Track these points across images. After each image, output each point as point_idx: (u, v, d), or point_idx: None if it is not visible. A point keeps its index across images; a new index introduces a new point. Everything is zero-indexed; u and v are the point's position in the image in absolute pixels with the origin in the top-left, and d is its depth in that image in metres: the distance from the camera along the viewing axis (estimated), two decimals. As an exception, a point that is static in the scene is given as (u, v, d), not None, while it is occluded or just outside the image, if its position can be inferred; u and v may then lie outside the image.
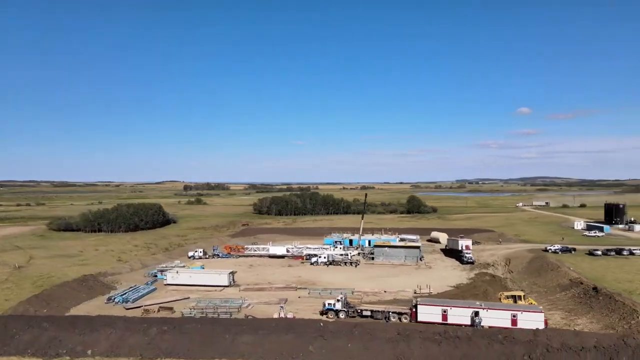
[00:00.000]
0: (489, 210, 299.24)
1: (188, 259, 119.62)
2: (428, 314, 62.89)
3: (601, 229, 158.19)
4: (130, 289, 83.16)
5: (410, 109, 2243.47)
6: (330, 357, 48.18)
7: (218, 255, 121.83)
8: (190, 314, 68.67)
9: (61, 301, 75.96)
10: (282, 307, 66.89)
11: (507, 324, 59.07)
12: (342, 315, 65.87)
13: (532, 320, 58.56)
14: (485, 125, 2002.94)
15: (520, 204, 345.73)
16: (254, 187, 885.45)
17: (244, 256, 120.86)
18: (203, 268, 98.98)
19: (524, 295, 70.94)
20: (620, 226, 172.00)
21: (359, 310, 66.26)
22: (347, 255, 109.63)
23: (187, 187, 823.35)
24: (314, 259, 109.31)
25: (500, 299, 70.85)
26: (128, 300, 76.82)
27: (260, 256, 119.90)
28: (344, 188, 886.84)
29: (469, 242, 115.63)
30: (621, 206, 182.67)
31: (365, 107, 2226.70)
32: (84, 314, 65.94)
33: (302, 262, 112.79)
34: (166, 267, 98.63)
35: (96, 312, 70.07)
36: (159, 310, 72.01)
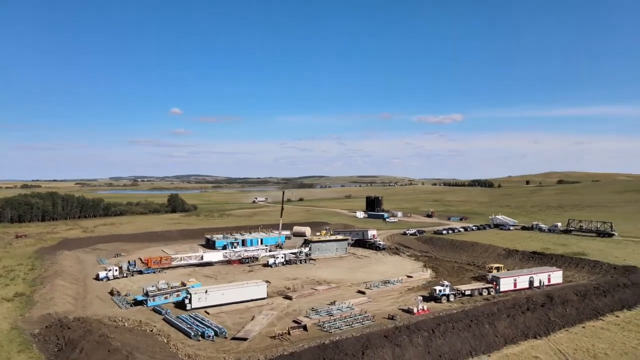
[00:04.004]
0: (236, 206, 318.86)
1: (99, 280, 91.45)
2: (506, 284, 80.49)
3: (383, 217, 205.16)
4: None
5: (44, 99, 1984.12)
6: (566, 321, 60.54)
7: (139, 271, 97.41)
8: (330, 329, 62.22)
9: (151, 353, 52.76)
10: (420, 300, 70.06)
11: (546, 282, 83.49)
12: (452, 298, 74.99)
13: (558, 277, 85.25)
14: (140, 122, 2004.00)
15: (254, 199, 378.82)
16: None
17: (170, 268, 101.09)
18: (201, 285, 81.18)
19: (502, 266, 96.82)
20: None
21: (463, 291, 76.99)
22: (301, 253, 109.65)
23: None
24: (271, 260, 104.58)
25: (490, 270, 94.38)
26: (223, 332, 60.43)
27: (189, 265, 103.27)
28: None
29: (375, 232, 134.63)
30: (380, 198, 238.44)
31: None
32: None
33: (251, 266, 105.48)
34: (158, 290, 75.77)
35: (211, 353, 54.22)
36: (289, 332, 61.11)
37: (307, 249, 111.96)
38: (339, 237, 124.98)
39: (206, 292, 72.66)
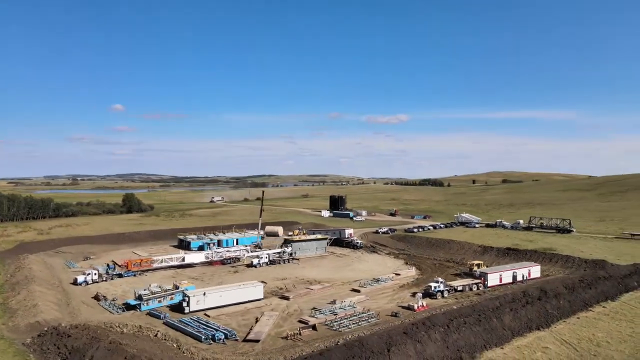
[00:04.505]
0: (194, 206, 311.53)
1: (77, 285, 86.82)
2: (493, 279, 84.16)
3: (348, 215, 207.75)
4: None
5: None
6: (561, 313, 64.18)
7: (119, 274, 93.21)
8: (339, 328, 62.61)
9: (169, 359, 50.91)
10: (420, 297, 71.86)
11: (527, 276, 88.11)
12: (445, 295, 77.47)
13: (536, 271, 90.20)
14: (78, 119, 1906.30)
15: (211, 199, 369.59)
16: None
17: (150, 270, 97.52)
18: (194, 287, 78.73)
19: (482, 263, 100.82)
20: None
21: (455, 287, 79.66)
22: (284, 252, 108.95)
23: None
24: (255, 261, 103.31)
25: (471, 267, 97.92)
26: (232, 335, 59.34)
27: (169, 267, 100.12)
28: None
29: (351, 231, 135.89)
30: (344, 197, 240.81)
31: None
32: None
33: (234, 266, 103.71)
34: (152, 293, 72.88)
35: (228, 356, 53.36)
36: (300, 333, 60.86)
37: (290, 248, 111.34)
38: (319, 236, 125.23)
39: (204, 294, 70.85)
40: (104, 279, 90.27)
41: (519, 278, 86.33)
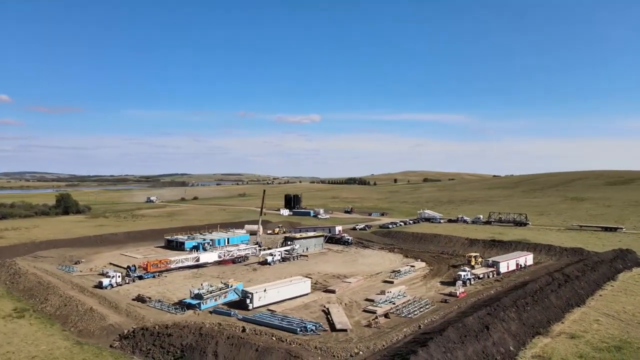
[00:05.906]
0: (134, 206, 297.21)
1: (103, 288, 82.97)
2: (503, 267, 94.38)
3: (309, 214, 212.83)
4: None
5: None
6: (587, 292, 75.04)
7: (139, 276, 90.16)
8: (407, 315, 68.03)
9: (287, 352, 52.75)
10: (460, 284, 79.35)
11: (524, 263, 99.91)
12: (472, 282, 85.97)
13: (530, 260, 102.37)
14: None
15: (148, 198, 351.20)
16: None
17: (166, 270, 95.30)
18: (242, 285, 79.15)
19: (479, 254, 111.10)
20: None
21: (478, 275, 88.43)
22: (294, 250, 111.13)
23: None
24: (269, 258, 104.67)
25: (469, 258, 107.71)
26: (319, 326, 62.30)
27: (185, 267, 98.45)
28: None
29: (341, 227, 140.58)
30: (299, 196, 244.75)
31: None
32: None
33: (247, 265, 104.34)
34: (208, 292, 72.52)
35: (336, 344, 56.90)
36: (378, 321, 65.23)
37: (298, 246, 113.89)
38: (316, 233, 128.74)
39: (265, 290, 72.21)
40: (127, 281, 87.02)
41: (522, 265, 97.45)
